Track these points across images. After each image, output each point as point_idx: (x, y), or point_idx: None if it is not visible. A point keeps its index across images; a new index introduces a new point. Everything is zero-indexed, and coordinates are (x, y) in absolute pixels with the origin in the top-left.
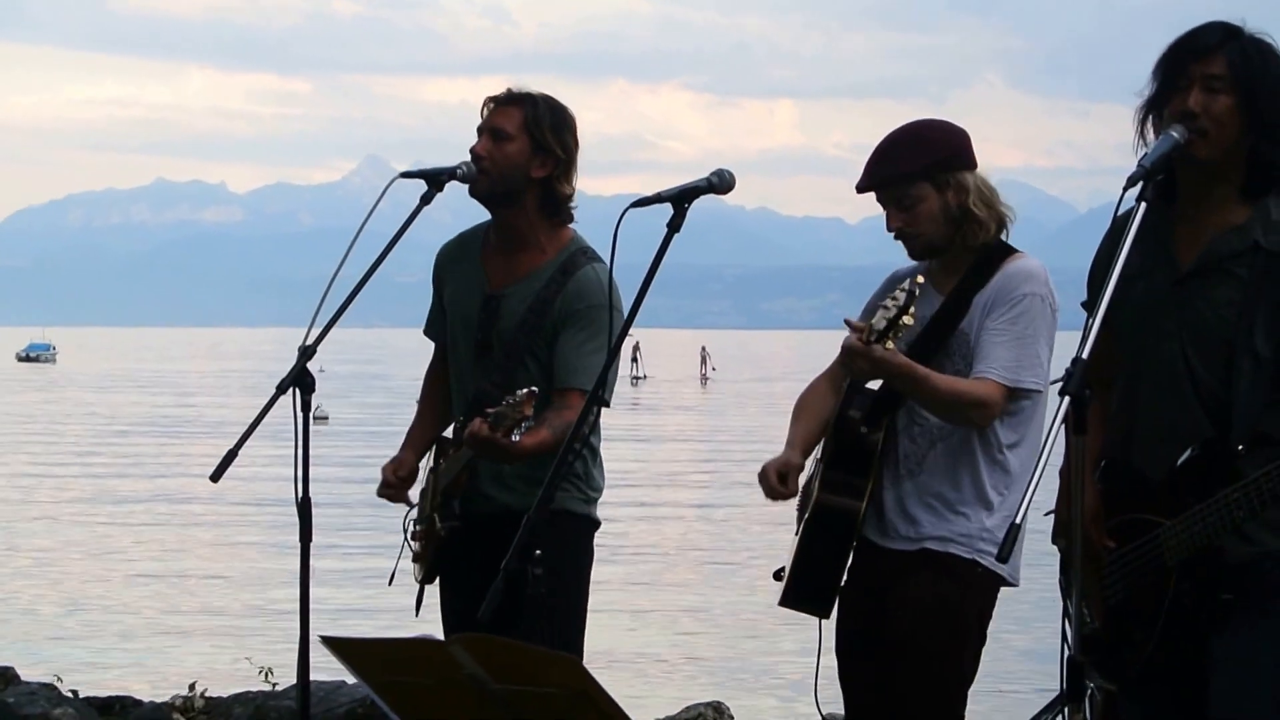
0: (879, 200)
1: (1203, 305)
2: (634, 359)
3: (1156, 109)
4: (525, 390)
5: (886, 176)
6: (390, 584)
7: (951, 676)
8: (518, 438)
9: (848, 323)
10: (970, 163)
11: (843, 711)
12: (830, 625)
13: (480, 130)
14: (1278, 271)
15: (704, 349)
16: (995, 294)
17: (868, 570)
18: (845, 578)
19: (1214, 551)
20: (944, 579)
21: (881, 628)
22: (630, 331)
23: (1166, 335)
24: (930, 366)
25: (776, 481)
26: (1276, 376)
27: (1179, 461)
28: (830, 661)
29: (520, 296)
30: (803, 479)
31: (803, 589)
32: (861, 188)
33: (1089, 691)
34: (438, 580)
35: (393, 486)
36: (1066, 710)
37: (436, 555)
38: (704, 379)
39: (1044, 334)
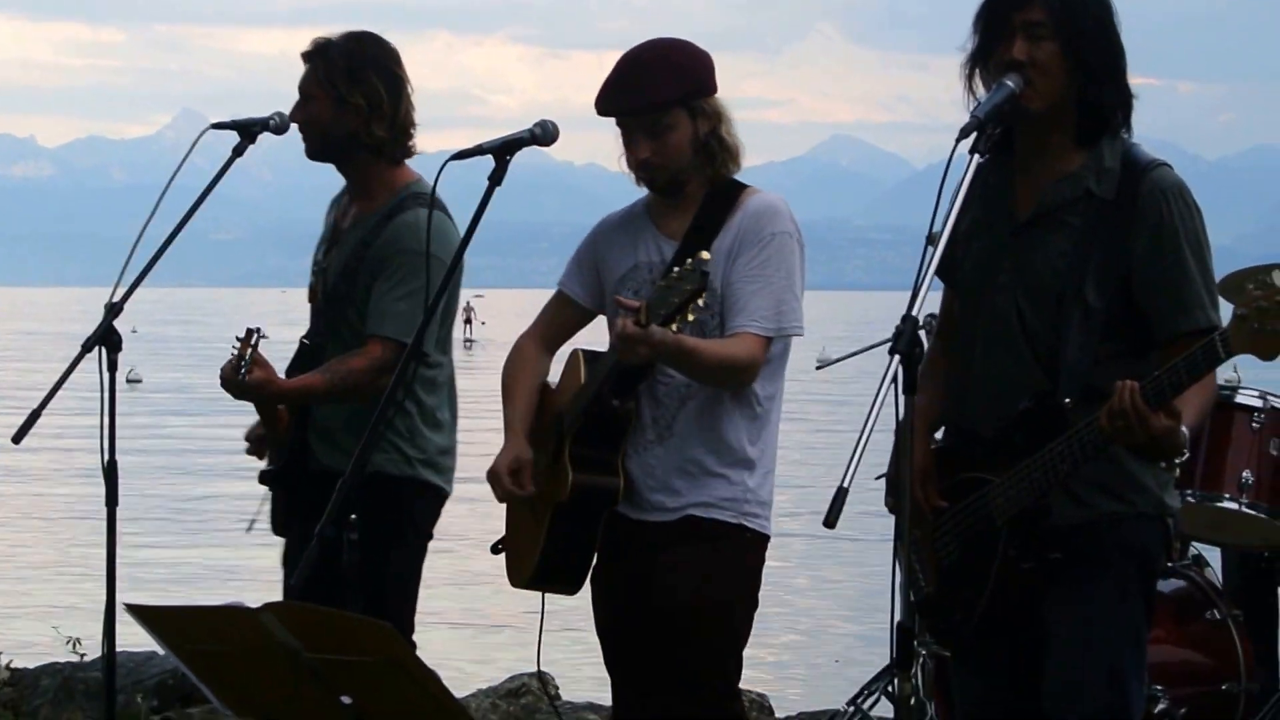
0: (621, 125)
1: (1036, 256)
2: (467, 320)
3: (982, 61)
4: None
5: (638, 104)
6: (249, 530)
7: (728, 644)
8: (242, 374)
9: (620, 302)
10: (715, 87)
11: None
12: (576, 605)
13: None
14: (1109, 219)
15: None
16: (740, 237)
17: (625, 546)
18: (603, 560)
19: (1043, 510)
20: (711, 545)
21: (647, 603)
22: (461, 289)
23: (1001, 288)
24: (683, 320)
25: (511, 483)
26: (1108, 328)
27: (1011, 416)
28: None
29: (348, 243)
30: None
31: (553, 569)
32: (605, 111)
33: (920, 659)
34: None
35: (254, 441)
36: (896, 679)
37: (279, 511)
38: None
39: (797, 274)
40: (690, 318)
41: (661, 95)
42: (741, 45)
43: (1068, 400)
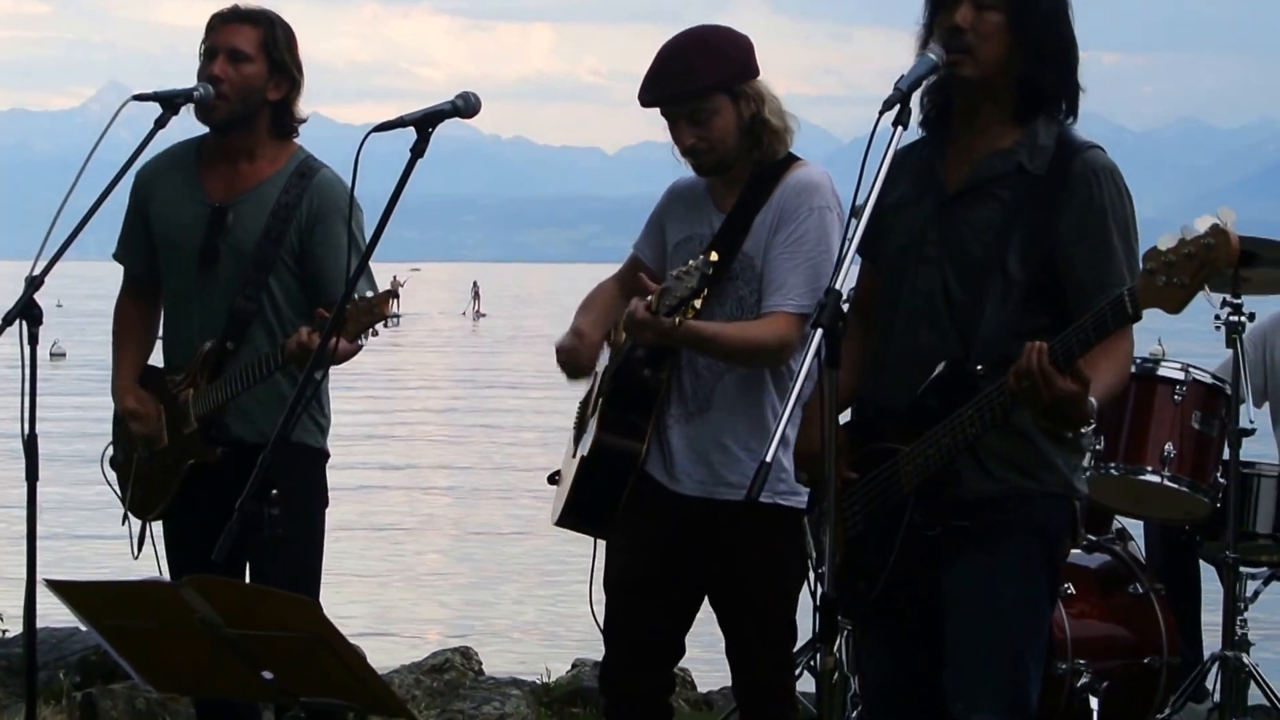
0: (666, 115)
1: (963, 228)
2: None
3: (929, 34)
4: (361, 297)
5: (680, 91)
6: (124, 524)
7: (785, 623)
8: (364, 342)
9: (642, 282)
10: (757, 70)
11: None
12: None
13: (213, 51)
14: (1038, 194)
15: (475, 284)
16: (780, 212)
17: (660, 514)
18: (631, 514)
19: (950, 477)
20: (768, 528)
21: (685, 577)
22: (377, 261)
23: (927, 260)
24: (715, 293)
25: (576, 341)
26: (1030, 302)
27: (924, 384)
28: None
29: (254, 205)
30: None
31: (581, 513)
32: (649, 102)
33: (844, 633)
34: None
35: (148, 419)
36: (819, 653)
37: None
38: (477, 315)
39: (835, 248)
40: (689, 314)
41: (702, 81)
42: (664, 18)
43: (980, 367)
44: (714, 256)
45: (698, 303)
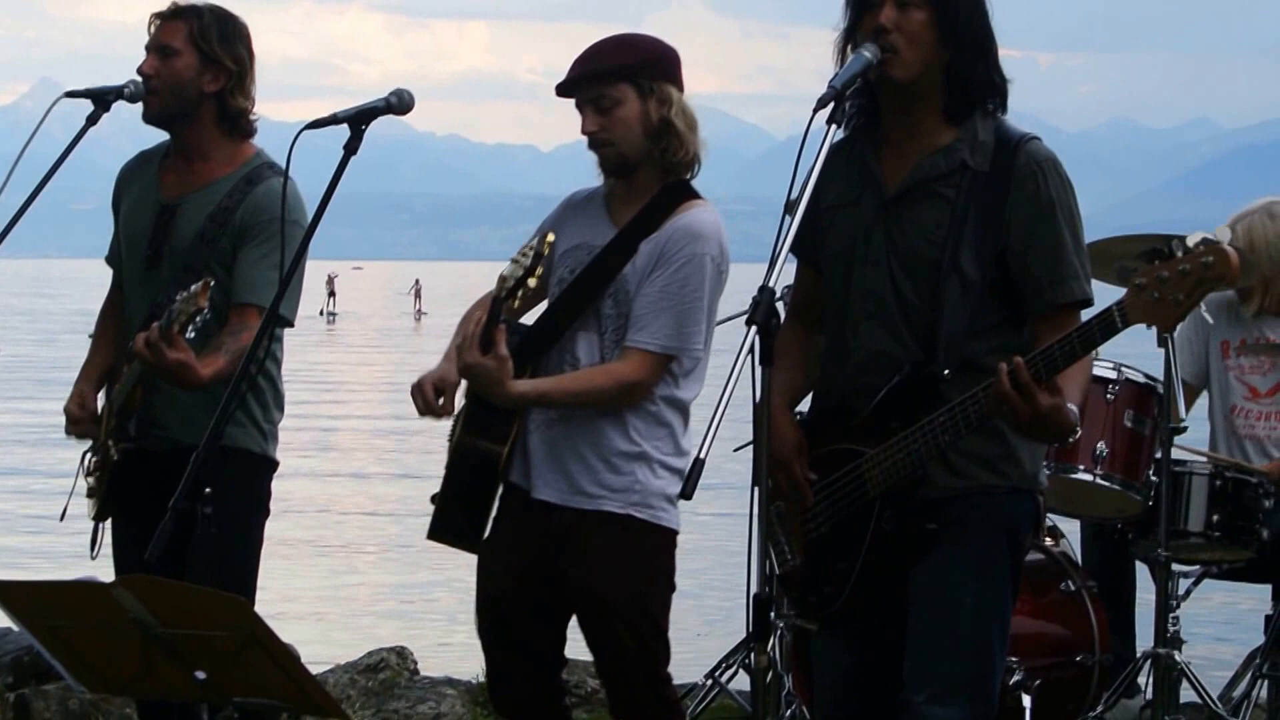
0: (578, 105)
1: (910, 229)
2: (330, 293)
3: (853, 37)
4: (200, 282)
5: (587, 73)
6: (61, 520)
7: (650, 636)
8: (192, 334)
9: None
10: (677, 80)
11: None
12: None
13: (148, 48)
14: (986, 191)
15: (417, 282)
16: (664, 246)
17: (522, 524)
18: (496, 525)
19: (918, 480)
20: (623, 539)
21: (548, 586)
22: (313, 259)
23: (874, 263)
24: (590, 308)
25: (433, 397)
26: (983, 300)
27: (887, 388)
28: None
29: (198, 205)
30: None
31: (450, 523)
32: (561, 87)
33: (778, 631)
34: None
35: (81, 421)
36: (753, 651)
37: (109, 489)
38: (418, 314)
39: (707, 297)
40: (532, 284)
41: (606, 64)
42: (602, 15)
43: (946, 372)
44: (550, 238)
45: (532, 281)
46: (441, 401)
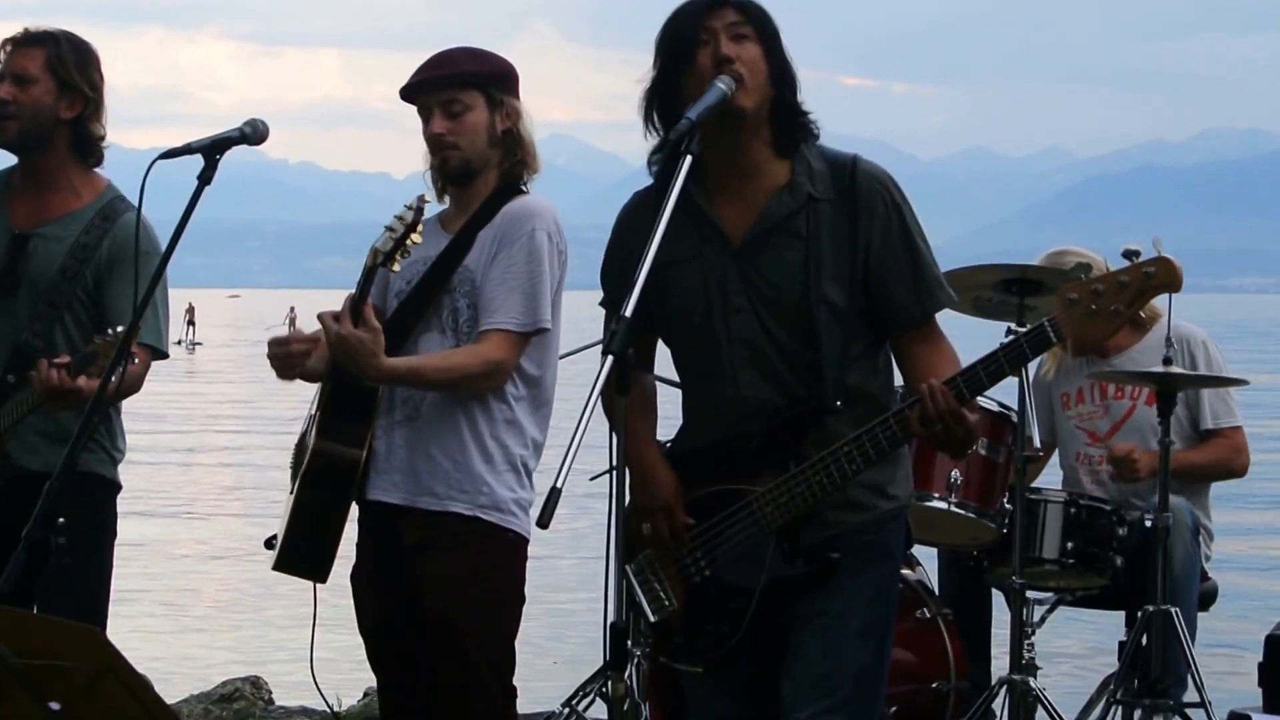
0: (421, 110)
1: (770, 272)
2: (189, 322)
3: (664, 90)
4: (112, 331)
5: (441, 77)
6: None
7: (497, 645)
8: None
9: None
10: (517, 93)
11: None
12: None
13: (1, 75)
14: (837, 218)
15: (292, 309)
16: (502, 231)
17: (380, 534)
18: (359, 555)
19: (818, 513)
20: (473, 546)
21: (406, 598)
22: (170, 289)
23: (737, 310)
24: (433, 306)
25: (294, 345)
26: (853, 326)
27: (769, 425)
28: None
29: (56, 238)
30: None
31: (298, 550)
32: (408, 89)
33: (634, 660)
34: None
35: None
36: (610, 680)
37: None
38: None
39: (552, 271)
40: (416, 239)
41: (460, 68)
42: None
43: (839, 403)
44: (426, 199)
45: (415, 238)
46: (295, 347)
